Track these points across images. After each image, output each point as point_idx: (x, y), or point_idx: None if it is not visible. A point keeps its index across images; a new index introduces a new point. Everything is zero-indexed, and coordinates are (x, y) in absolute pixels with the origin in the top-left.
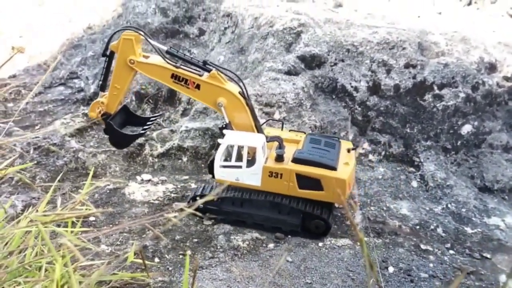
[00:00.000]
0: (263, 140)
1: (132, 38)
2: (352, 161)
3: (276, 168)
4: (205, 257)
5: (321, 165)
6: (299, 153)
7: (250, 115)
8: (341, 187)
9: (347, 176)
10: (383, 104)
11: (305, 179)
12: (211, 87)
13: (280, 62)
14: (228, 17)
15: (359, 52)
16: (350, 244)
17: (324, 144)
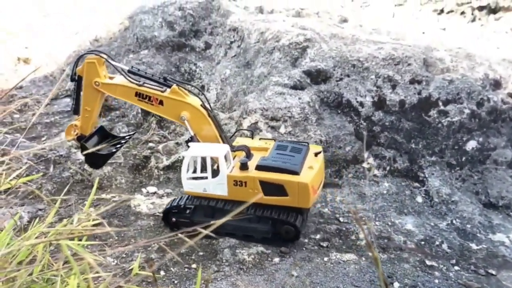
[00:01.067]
0: (226, 149)
1: (95, 61)
2: (318, 164)
3: (240, 177)
4: (210, 270)
5: (283, 171)
6: (262, 160)
7: (214, 126)
8: (304, 191)
9: (309, 180)
10: (388, 119)
11: (269, 186)
12: (173, 102)
13: (286, 76)
14: (234, 31)
15: (365, 67)
16: (355, 259)
17: (290, 150)
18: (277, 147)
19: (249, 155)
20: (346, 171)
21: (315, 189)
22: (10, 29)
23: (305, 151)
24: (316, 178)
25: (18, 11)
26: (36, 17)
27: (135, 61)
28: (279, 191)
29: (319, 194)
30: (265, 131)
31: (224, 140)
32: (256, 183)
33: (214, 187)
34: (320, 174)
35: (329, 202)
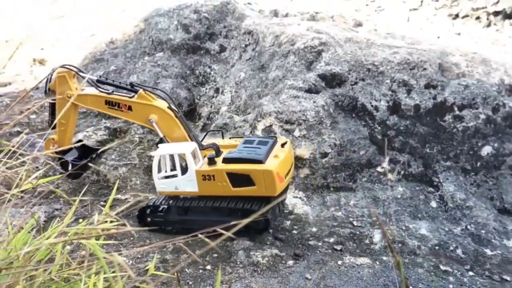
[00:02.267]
0: (194, 146)
1: (65, 75)
2: (284, 154)
3: (208, 171)
4: (224, 272)
5: (248, 161)
6: (228, 153)
7: (182, 127)
8: (269, 179)
9: (274, 167)
10: (403, 123)
11: (236, 177)
12: (141, 106)
13: (301, 80)
14: (249, 35)
15: (380, 71)
16: (369, 263)
17: (256, 143)
18: (244, 141)
19: (218, 152)
20: (360, 175)
21: (281, 177)
22: (26, 30)
23: (272, 143)
24: (282, 166)
25: (34, 13)
26: (52, 18)
27: (150, 64)
28: (246, 181)
29: (288, 182)
30: (280, 134)
31: (192, 139)
32: (224, 175)
33: (185, 184)
34: (286, 163)
35: (343, 206)
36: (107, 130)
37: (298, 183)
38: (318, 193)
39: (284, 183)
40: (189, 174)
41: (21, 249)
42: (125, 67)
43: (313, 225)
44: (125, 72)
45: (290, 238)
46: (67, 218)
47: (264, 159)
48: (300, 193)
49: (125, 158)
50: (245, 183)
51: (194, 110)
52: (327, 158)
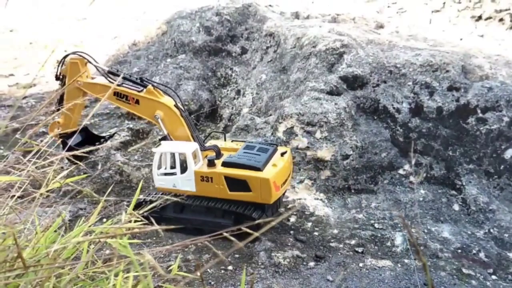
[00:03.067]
0: (195, 147)
1: (78, 62)
2: (282, 163)
3: (206, 173)
4: (246, 273)
5: (247, 167)
6: (228, 157)
7: (186, 126)
8: (265, 187)
9: (271, 176)
10: (425, 126)
11: (233, 181)
12: (148, 101)
13: (323, 82)
14: (270, 37)
15: (402, 73)
16: (390, 265)
17: (257, 150)
18: (245, 147)
19: (219, 154)
20: (381, 177)
21: (277, 186)
22: (49, 32)
23: (272, 151)
24: (279, 175)
25: (56, 15)
26: (74, 20)
27: (173, 66)
28: (243, 186)
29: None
30: (301, 136)
31: (195, 139)
32: (222, 179)
33: (183, 182)
34: (284, 172)
35: (364, 208)
36: (130, 131)
37: (319, 185)
38: (339, 195)
39: (280, 191)
40: (188, 173)
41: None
42: (147, 69)
43: (334, 227)
44: (148, 73)
45: (311, 240)
46: (92, 217)
47: (263, 167)
48: (321, 195)
49: (148, 159)
50: (242, 188)
51: (216, 112)
52: (349, 160)
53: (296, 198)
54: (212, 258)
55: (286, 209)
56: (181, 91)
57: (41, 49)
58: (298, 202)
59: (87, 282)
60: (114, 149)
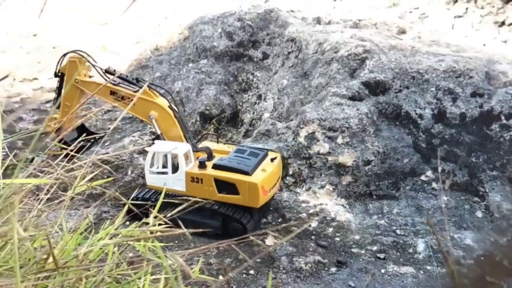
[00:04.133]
0: (187, 148)
1: (76, 60)
2: (272, 168)
3: (197, 174)
4: (268, 277)
5: (236, 171)
6: (219, 160)
7: (179, 127)
8: (254, 191)
9: (259, 180)
10: (448, 132)
11: (223, 184)
12: (143, 101)
13: (344, 87)
14: (292, 42)
15: (425, 79)
16: (413, 272)
17: (247, 154)
18: (236, 150)
19: (210, 156)
20: (403, 183)
21: (265, 190)
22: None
23: (262, 156)
24: (268, 180)
25: (79, 20)
26: (96, 25)
27: (194, 70)
28: (232, 189)
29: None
30: (322, 141)
31: (188, 140)
32: (211, 181)
33: (174, 182)
34: (272, 177)
35: (386, 214)
36: (152, 135)
37: (341, 191)
38: (361, 201)
39: (267, 196)
40: (179, 174)
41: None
42: (169, 74)
43: (356, 233)
44: (170, 78)
45: (332, 245)
46: (118, 220)
47: (252, 171)
48: (342, 200)
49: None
50: (231, 191)
51: (237, 116)
52: (370, 165)
53: (317, 204)
54: (234, 262)
55: (308, 214)
56: (203, 96)
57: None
58: (319, 208)
59: (113, 284)
60: (137, 153)
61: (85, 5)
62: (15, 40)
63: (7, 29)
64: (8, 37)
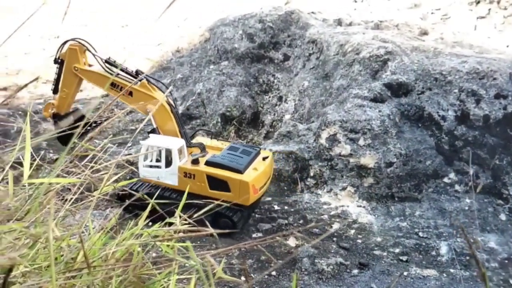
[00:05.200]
0: (181, 144)
1: (77, 48)
2: (263, 167)
3: (190, 169)
4: (289, 279)
5: (228, 168)
6: (212, 157)
7: (175, 122)
8: (244, 189)
9: (251, 179)
10: (471, 134)
11: (214, 180)
12: (141, 94)
13: (366, 89)
14: (313, 44)
15: (448, 81)
16: (436, 275)
17: (240, 152)
18: (229, 148)
19: (204, 152)
20: (426, 185)
21: (255, 189)
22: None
23: (254, 154)
24: (259, 179)
25: (100, 22)
26: (115, 27)
27: (216, 72)
28: (223, 186)
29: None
30: (344, 142)
31: (182, 136)
32: (203, 177)
33: (167, 176)
34: (264, 176)
35: (408, 216)
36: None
37: (362, 192)
38: (383, 203)
39: (258, 194)
40: (172, 168)
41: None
42: (191, 75)
43: (378, 235)
44: (191, 80)
45: (354, 247)
46: (141, 220)
47: (243, 170)
48: (364, 202)
49: None
50: (222, 188)
51: (258, 118)
52: (392, 167)
53: (338, 205)
54: (256, 263)
55: (329, 216)
56: (224, 98)
57: None
58: (340, 210)
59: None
60: None
61: (103, 6)
62: (38, 42)
63: (29, 31)
64: (30, 40)
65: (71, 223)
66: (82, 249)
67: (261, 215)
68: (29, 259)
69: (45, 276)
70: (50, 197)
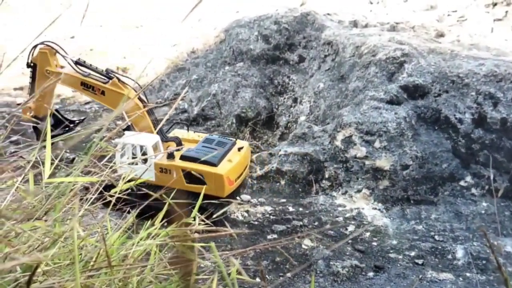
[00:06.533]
0: (156, 139)
1: (47, 52)
2: (238, 158)
3: (165, 165)
4: (305, 281)
5: (203, 162)
6: (187, 151)
7: (148, 118)
8: (219, 181)
9: (225, 171)
10: (489, 137)
11: (190, 174)
12: (113, 93)
13: (382, 91)
14: (328, 45)
15: (465, 83)
16: (452, 279)
17: (215, 144)
18: (204, 140)
19: (179, 145)
20: (442, 188)
21: (231, 180)
22: (107, 39)
23: (229, 146)
24: (234, 171)
25: (115, 23)
26: (129, 28)
27: (231, 73)
28: (199, 179)
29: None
30: (359, 145)
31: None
32: (179, 171)
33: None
34: (239, 167)
35: (424, 219)
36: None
37: (378, 195)
38: (398, 206)
39: (233, 186)
40: (148, 164)
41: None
42: (206, 76)
43: (393, 238)
44: (206, 81)
45: (369, 250)
46: (158, 220)
47: (218, 162)
48: (379, 204)
49: None
50: (198, 181)
51: (272, 119)
52: (408, 170)
53: (353, 208)
54: (271, 264)
55: (344, 218)
56: (239, 99)
57: (100, 55)
58: (355, 212)
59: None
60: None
61: (117, 7)
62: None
63: (45, 31)
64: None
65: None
66: (105, 248)
67: (276, 217)
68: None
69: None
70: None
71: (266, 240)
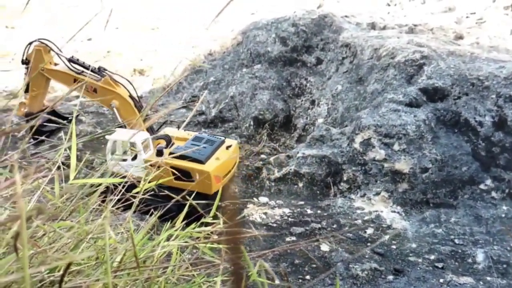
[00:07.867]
0: (146, 136)
1: (41, 49)
2: (226, 156)
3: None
4: (324, 283)
5: (191, 159)
6: (176, 148)
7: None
8: (206, 179)
9: (212, 169)
10: (509, 140)
11: (178, 171)
12: (105, 90)
13: (401, 93)
14: (346, 48)
15: (485, 86)
16: (472, 283)
17: (204, 142)
18: (194, 138)
19: (169, 143)
20: (461, 191)
21: (218, 178)
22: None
23: (218, 144)
24: (221, 168)
25: (129, 25)
26: (145, 30)
27: (248, 75)
28: (187, 177)
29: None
30: (378, 147)
31: (148, 129)
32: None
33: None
34: (227, 165)
35: (443, 223)
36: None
37: (396, 198)
38: (417, 209)
39: (221, 183)
40: (138, 161)
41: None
42: (223, 78)
43: (412, 241)
44: (224, 83)
45: (389, 253)
46: (178, 221)
47: (205, 160)
48: (398, 207)
49: None
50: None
51: (290, 121)
52: (427, 173)
53: (372, 210)
54: (290, 266)
55: (363, 221)
56: (257, 101)
57: (117, 56)
58: (374, 215)
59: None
60: None
61: (133, 9)
62: (70, 44)
63: (62, 33)
64: (63, 41)
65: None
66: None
67: (294, 219)
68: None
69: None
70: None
71: (284, 242)
